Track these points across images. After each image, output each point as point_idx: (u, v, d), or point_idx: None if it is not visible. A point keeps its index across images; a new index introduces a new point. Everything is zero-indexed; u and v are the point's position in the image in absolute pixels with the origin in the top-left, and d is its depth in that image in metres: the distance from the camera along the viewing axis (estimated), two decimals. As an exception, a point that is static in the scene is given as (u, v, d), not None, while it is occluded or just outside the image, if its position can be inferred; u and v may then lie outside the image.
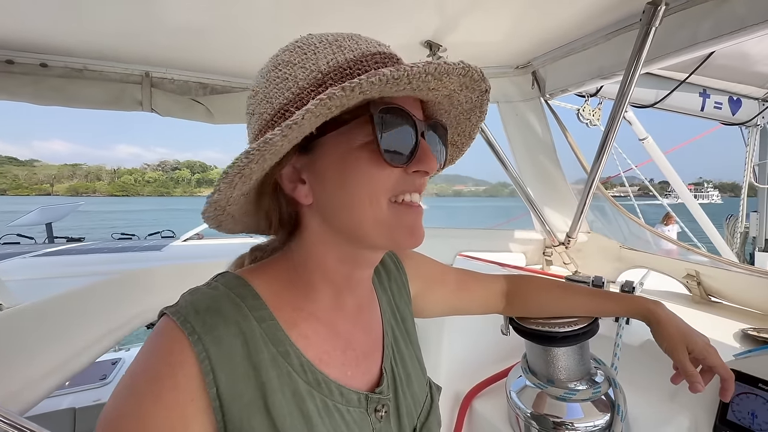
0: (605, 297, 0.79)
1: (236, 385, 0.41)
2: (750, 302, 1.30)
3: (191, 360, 0.40)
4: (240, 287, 0.47)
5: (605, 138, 1.34)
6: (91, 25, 1.30)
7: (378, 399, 0.52)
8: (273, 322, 0.46)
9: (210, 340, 0.41)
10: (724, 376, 0.64)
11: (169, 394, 0.38)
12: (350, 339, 0.54)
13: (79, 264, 2.26)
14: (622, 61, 1.22)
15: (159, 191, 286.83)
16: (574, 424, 0.79)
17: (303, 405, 0.44)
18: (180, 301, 0.45)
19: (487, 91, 0.49)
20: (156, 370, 0.39)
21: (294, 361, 0.46)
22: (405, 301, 0.68)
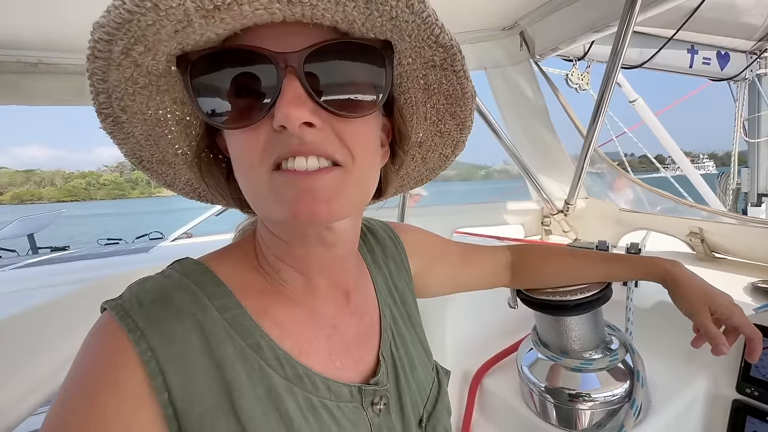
0: (618, 261, 0.74)
1: (193, 387, 0.35)
2: (755, 255, 1.27)
3: (134, 362, 0.34)
4: (198, 273, 0.41)
5: (601, 97, 1.28)
6: (42, 15, 1.20)
7: (374, 391, 0.46)
8: (239, 311, 0.40)
9: (156, 336, 0.35)
10: (751, 336, 0.60)
11: (111, 405, 0.32)
12: (336, 324, 0.47)
13: (64, 272, 2.18)
14: (614, 11, 1.15)
15: (114, 194, 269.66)
16: (591, 395, 0.75)
17: (281, 404, 0.38)
18: (124, 292, 0.39)
19: None
20: (93, 377, 0.34)
21: (267, 354, 0.39)
22: (405, 279, 0.61)
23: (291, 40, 0.33)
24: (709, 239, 1.35)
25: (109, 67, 0.32)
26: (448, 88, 0.43)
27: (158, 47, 0.32)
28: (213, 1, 0.28)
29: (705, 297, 0.62)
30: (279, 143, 0.34)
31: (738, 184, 3.74)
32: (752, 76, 3.25)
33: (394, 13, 0.33)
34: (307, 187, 0.35)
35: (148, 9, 0.28)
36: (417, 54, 0.39)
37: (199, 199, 0.49)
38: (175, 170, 0.43)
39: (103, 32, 0.30)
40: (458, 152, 0.51)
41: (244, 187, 0.40)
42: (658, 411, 0.76)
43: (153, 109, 0.37)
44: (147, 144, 0.39)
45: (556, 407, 0.78)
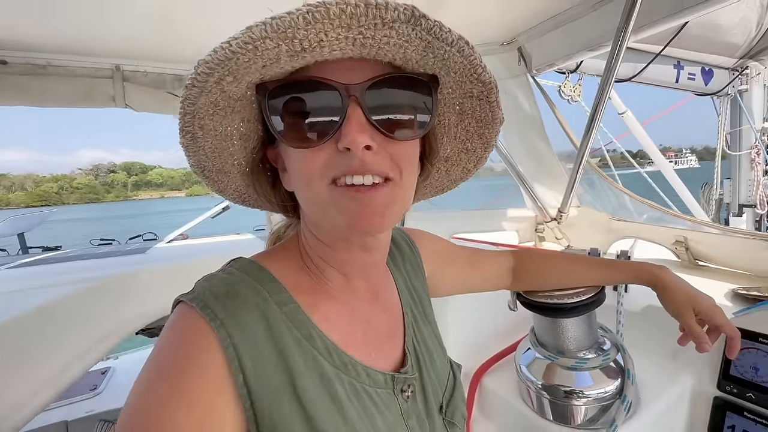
0: (610, 266, 0.79)
1: (263, 371, 0.39)
2: (736, 264, 1.35)
3: (215, 347, 0.38)
4: (256, 271, 0.46)
5: (594, 111, 1.35)
6: (52, 17, 1.22)
7: (404, 379, 0.51)
8: (294, 306, 0.45)
9: (233, 324, 0.39)
10: (731, 335, 0.66)
11: (194, 385, 0.36)
12: (370, 320, 0.53)
13: (59, 273, 2.15)
14: (608, 32, 1.22)
15: (87, 198, 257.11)
16: (584, 392, 0.80)
17: (331, 388, 0.43)
18: (196, 287, 0.43)
19: (414, 17, 0.35)
20: (178, 360, 0.37)
21: (318, 344, 0.44)
22: (420, 281, 0.67)
23: (355, 73, 0.39)
24: (693, 248, 1.43)
25: (201, 94, 0.37)
26: (480, 114, 0.49)
27: (244, 78, 0.37)
28: (302, 44, 0.34)
29: (690, 299, 0.68)
30: (341, 162, 0.40)
31: (721, 195, 3.88)
32: (734, 92, 3.38)
33: (446, 56, 0.39)
34: (366, 202, 0.40)
35: (248, 50, 0.34)
36: (458, 86, 0.46)
37: (243, 204, 0.54)
38: (229, 178, 0.48)
39: (206, 67, 0.35)
40: (480, 167, 0.58)
41: (302, 197, 0.45)
42: (647, 407, 0.81)
43: (224, 126, 0.42)
44: (212, 155, 0.44)
45: (552, 404, 0.83)
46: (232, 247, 2.43)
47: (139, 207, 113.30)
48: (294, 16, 0.32)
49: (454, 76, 0.44)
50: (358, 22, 0.34)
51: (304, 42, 0.34)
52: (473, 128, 0.52)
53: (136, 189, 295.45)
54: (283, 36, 0.33)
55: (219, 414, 0.37)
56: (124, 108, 1.58)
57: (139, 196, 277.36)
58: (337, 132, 0.39)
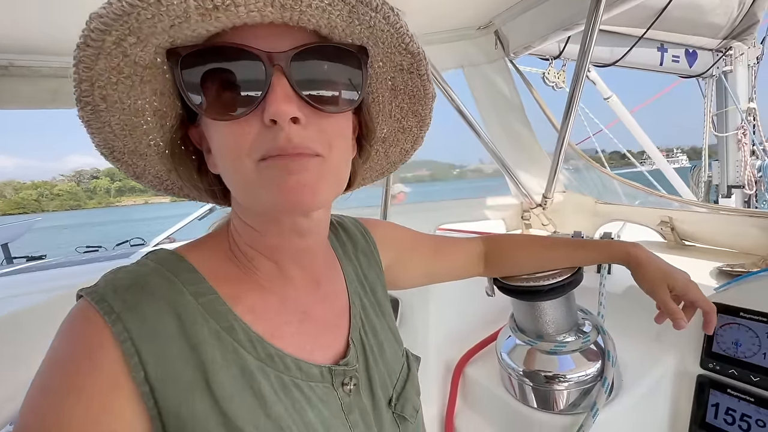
0: (584, 246, 0.77)
1: (169, 366, 0.37)
2: (721, 242, 1.34)
3: (110, 342, 0.35)
4: (173, 262, 0.43)
5: (572, 92, 1.33)
6: (13, 16, 1.17)
7: (344, 371, 0.48)
8: (213, 297, 0.42)
9: (131, 318, 0.36)
10: (706, 309, 0.64)
11: (88, 384, 0.34)
12: (306, 310, 0.50)
13: (44, 280, 2.12)
14: (583, 9, 1.19)
15: (68, 205, 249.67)
16: (566, 376, 0.78)
17: (254, 382, 0.40)
18: (99, 281, 0.40)
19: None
20: (71, 357, 0.35)
21: (240, 336, 0.41)
22: (375, 271, 0.64)
23: (277, 40, 0.36)
24: (678, 227, 1.41)
25: (98, 56, 0.33)
26: (412, 89, 0.48)
27: (150, 39, 0.33)
28: (213, 1, 0.31)
29: (663, 275, 0.66)
30: (267, 139, 0.37)
31: (709, 177, 3.88)
32: (719, 73, 3.38)
33: (372, 23, 0.38)
34: (294, 178, 0.38)
35: (150, 3, 0.30)
36: (388, 59, 0.44)
37: (166, 192, 0.50)
38: (146, 161, 0.44)
39: (100, 22, 0.31)
40: (417, 147, 0.56)
41: (229, 177, 0.41)
42: (629, 389, 0.79)
43: (132, 99, 0.38)
44: (121, 134, 0.40)
45: (534, 390, 0.81)
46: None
47: (120, 214, 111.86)
48: None
49: (383, 47, 0.42)
50: None
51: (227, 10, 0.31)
52: (407, 105, 0.50)
53: (119, 195, 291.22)
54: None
55: (117, 412, 0.34)
56: (94, 108, 1.54)
57: (123, 202, 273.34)
58: (261, 103, 0.36)
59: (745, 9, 2.96)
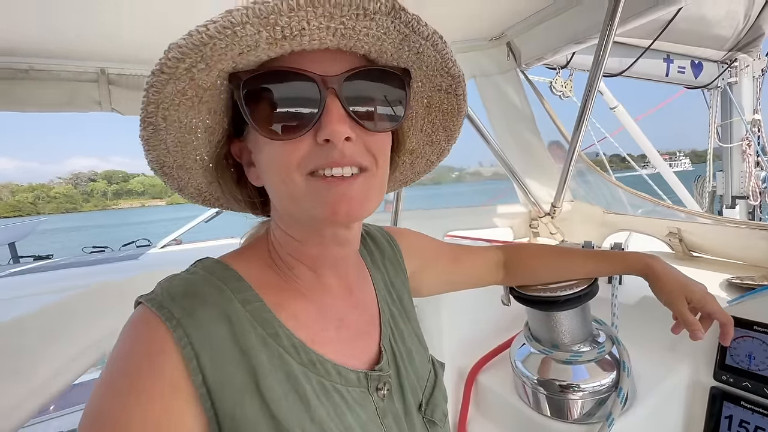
0: (602, 257, 0.78)
1: (224, 370, 0.39)
2: (730, 254, 1.35)
3: (171, 347, 0.37)
4: (221, 270, 0.45)
5: (584, 104, 1.35)
6: (34, 21, 1.20)
7: (378, 377, 0.50)
8: (259, 304, 0.44)
9: (190, 324, 0.38)
10: (724, 321, 0.65)
11: (151, 387, 0.35)
12: (342, 318, 0.52)
13: (51, 280, 2.13)
14: (595, 24, 1.21)
15: (63, 208, 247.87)
16: (580, 386, 0.79)
17: (299, 387, 0.42)
18: (155, 288, 0.42)
19: (395, 10, 0.36)
20: (134, 362, 0.37)
21: (285, 342, 0.43)
22: (401, 279, 0.66)
23: (331, 64, 0.39)
24: (687, 239, 1.42)
25: (168, 81, 0.35)
26: (447, 107, 0.51)
27: (216, 65, 0.36)
28: (283, 32, 0.33)
29: (681, 287, 0.67)
30: (319, 154, 0.40)
31: (714, 187, 3.89)
32: (724, 85, 3.40)
33: (421, 50, 0.41)
34: (344, 192, 0.41)
35: (227, 35, 0.32)
36: (428, 80, 0.47)
37: (203, 203, 0.53)
38: (190, 175, 0.47)
39: (179, 51, 0.33)
40: (442, 159, 0.59)
41: (276, 190, 0.43)
42: (644, 399, 0.80)
43: (189, 118, 0.40)
44: (174, 150, 0.42)
45: (548, 399, 0.82)
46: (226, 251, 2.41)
47: (118, 217, 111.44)
48: (278, 1, 0.32)
49: (426, 70, 0.45)
50: (341, 11, 0.34)
51: (285, 29, 0.34)
52: (439, 121, 0.53)
53: (116, 198, 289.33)
54: (265, 22, 0.33)
55: (176, 414, 0.36)
56: (111, 112, 1.56)
57: (119, 205, 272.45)
58: (315, 124, 0.39)
59: (750, 22, 2.99)
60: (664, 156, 25.96)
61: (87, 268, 2.22)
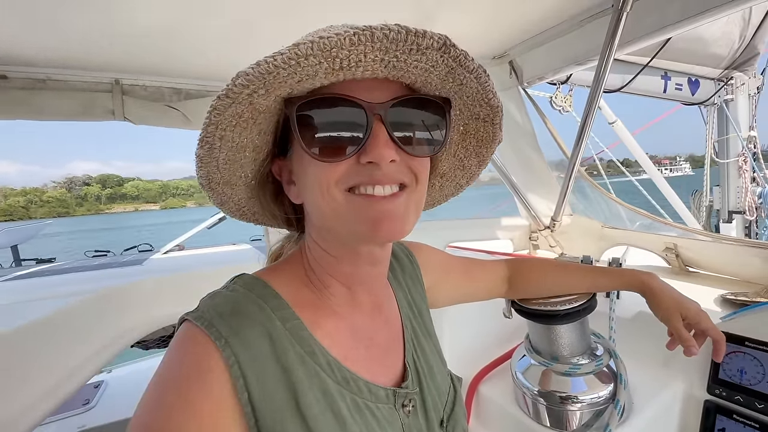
0: (601, 273, 0.82)
1: (267, 388, 0.40)
2: (725, 270, 1.38)
3: (220, 366, 0.39)
4: (260, 288, 0.47)
5: (584, 122, 1.39)
6: (52, 33, 1.24)
7: (405, 394, 0.52)
8: (297, 322, 0.45)
9: (238, 343, 0.40)
10: (717, 338, 0.68)
11: (199, 404, 0.37)
12: (372, 335, 0.53)
13: (55, 285, 2.14)
14: (595, 46, 1.26)
15: (56, 212, 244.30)
16: (579, 397, 0.82)
17: (334, 404, 0.44)
18: (201, 305, 0.44)
19: (446, 46, 0.39)
20: (184, 379, 0.38)
21: (321, 360, 0.45)
22: (420, 293, 0.67)
23: (378, 92, 0.42)
24: (683, 254, 1.46)
25: (231, 105, 0.38)
26: (483, 135, 0.53)
27: (275, 91, 0.38)
28: (341, 63, 0.36)
29: (677, 304, 0.70)
30: (361, 172, 0.42)
31: (711, 202, 3.94)
32: (720, 102, 3.47)
33: (464, 82, 0.43)
34: (385, 209, 0.43)
35: (290, 65, 0.35)
36: (467, 108, 0.49)
37: (240, 218, 0.55)
38: (233, 190, 0.49)
39: (245, 79, 0.36)
40: (471, 183, 0.61)
41: (317, 206, 0.46)
42: (640, 411, 0.83)
43: (241, 138, 0.42)
44: (224, 167, 0.44)
45: (548, 409, 0.85)
46: (229, 258, 2.42)
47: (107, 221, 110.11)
48: (341, 37, 0.34)
49: (466, 100, 0.48)
50: (396, 46, 0.37)
51: (344, 61, 0.37)
52: (473, 147, 0.55)
53: (110, 202, 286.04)
54: (327, 54, 0.35)
55: (224, 430, 0.37)
56: (123, 121, 1.60)
57: (113, 210, 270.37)
58: (361, 147, 0.41)
59: (746, 41, 3.06)
60: (665, 161, 25.62)
61: (92, 272, 2.23)
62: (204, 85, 1.73)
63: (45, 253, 7.03)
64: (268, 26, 1.22)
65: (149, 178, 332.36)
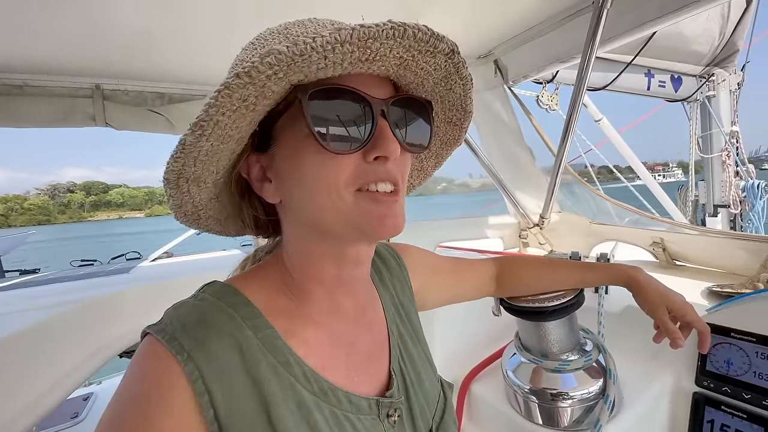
0: (588, 268, 0.82)
1: (235, 402, 0.38)
2: (710, 262, 1.40)
3: (182, 382, 0.36)
4: (230, 296, 0.44)
5: (569, 119, 1.40)
6: (29, 37, 1.21)
7: (390, 403, 0.49)
8: (270, 331, 0.43)
9: (201, 356, 0.38)
10: (702, 330, 0.69)
11: (160, 423, 0.35)
12: (353, 342, 0.51)
13: (40, 296, 2.09)
14: (578, 44, 1.27)
15: (37, 220, 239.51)
16: (569, 394, 0.82)
17: (310, 417, 0.41)
18: (164, 317, 0.42)
19: (454, 52, 0.41)
20: (144, 397, 0.36)
21: (296, 370, 0.43)
22: (408, 296, 0.66)
23: (377, 88, 0.42)
24: (670, 248, 1.48)
25: (246, 86, 0.35)
26: (450, 137, 0.54)
27: (291, 77, 0.36)
28: (370, 54, 0.37)
29: (662, 297, 0.70)
30: (367, 170, 0.42)
31: (696, 196, 4.01)
32: (703, 98, 3.53)
33: (455, 89, 0.46)
34: (390, 207, 0.43)
35: (326, 50, 0.34)
36: (442, 112, 0.51)
37: (192, 223, 0.49)
38: (198, 189, 0.44)
39: (276, 58, 0.33)
40: (424, 182, 0.62)
41: (314, 205, 0.43)
42: (630, 405, 0.83)
43: (234, 125, 0.39)
44: (201, 160, 0.40)
45: (540, 407, 0.85)
46: (219, 264, 2.39)
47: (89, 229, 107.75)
48: (380, 29, 0.34)
49: (446, 104, 0.49)
50: (417, 45, 0.38)
51: (372, 53, 0.37)
52: (435, 149, 0.56)
53: (94, 209, 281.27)
54: (362, 44, 0.35)
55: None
56: (104, 126, 1.57)
57: (96, 217, 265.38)
58: (368, 143, 0.41)
59: (725, 39, 3.13)
60: (657, 167, 26.08)
61: (78, 282, 2.19)
62: (188, 89, 1.70)
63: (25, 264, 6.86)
64: (251, 29, 1.21)
65: (143, 184, 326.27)
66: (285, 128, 0.43)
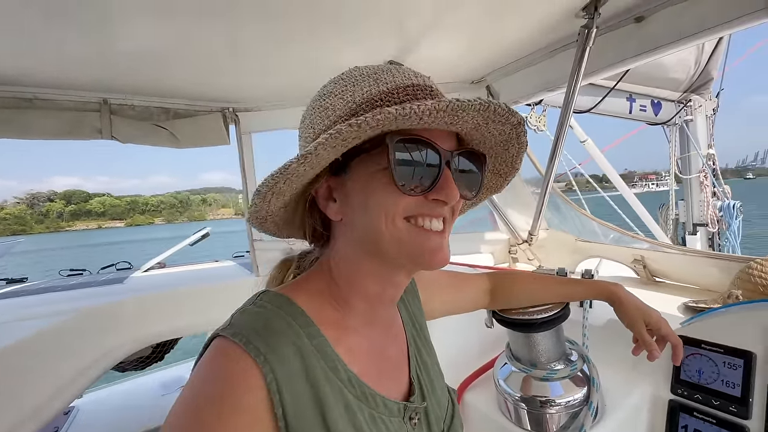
0: (574, 284, 0.89)
1: (299, 404, 0.42)
2: (687, 279, 1.49)
3: (259, 383, 0.40)
4: (287, 305, 0.49)
5: (556, 142, 1.49)
6: (40, 53, 1.25)
7: (414, 408, 0.55)
8: (322, 339, 0.48)
9: (276, 360, 0.41)
10: (675, 343, 0.76)
11: (235, 420, 0.37)
12: (384, 351, 0.57)
13: (29, 306, 2.05)
14: (564, 74, 1.38)
15: (12, 229, 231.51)
16: (556, 401, 0.88)
17: (354, 419, 0.46)
18: (234, 322, 0.46)
19: (520, 124, 0.49)
20: (220, 394, 0.38)
21: (342, 375, 0.47)
22: (419, 308, 0.72)
23: (446, 141, 0.49)
24: (650, 265, 1.57)
25: (350, 132, 0.40)
26: (492, 186, 0.62)
27: (386, 127, 0.42)
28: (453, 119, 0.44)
29: (640, 312, 0.78)
30: (425, 207, 0.47)
31: (677, 215, 4.17)
32: (681, 122, 3.73)
33: (509, 148, 0.55)
34: (440, 243, 0.48)
35: (426, 115, 0.41)
36: (492, 165, 0.58)
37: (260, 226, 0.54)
38: (276, 200, 0.48)
39: (385, 117, 0.39)
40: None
41: (375, 229, 0.48)
42: (612, 412, 0.89)
43: (327, 156, 0.44)
44: (291, 179, 0.45)
45: (529, 414, 0.90)
46: (213, 275, 2.39)
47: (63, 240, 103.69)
48: (472, 104, 0.42)
49: (499, 159, 0.57)
50: (495, 118, 0.46)
51: (459, 119, 0.44)
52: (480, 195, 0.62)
53: (73, 219, 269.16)
54: (453, 113, 0.42)
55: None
56: (110, 140, 1.61)
57: (75, 226, 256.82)
58: (433, 187, 0.46)
59: (701, 67, 3.34)
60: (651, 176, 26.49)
61: (72, 292, 2.17)
62: (192, 105, 1.75)
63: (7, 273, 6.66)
64: (255, 49, 1.27)
65: (133, 192, 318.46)
66: (363, 161, 0.47)
